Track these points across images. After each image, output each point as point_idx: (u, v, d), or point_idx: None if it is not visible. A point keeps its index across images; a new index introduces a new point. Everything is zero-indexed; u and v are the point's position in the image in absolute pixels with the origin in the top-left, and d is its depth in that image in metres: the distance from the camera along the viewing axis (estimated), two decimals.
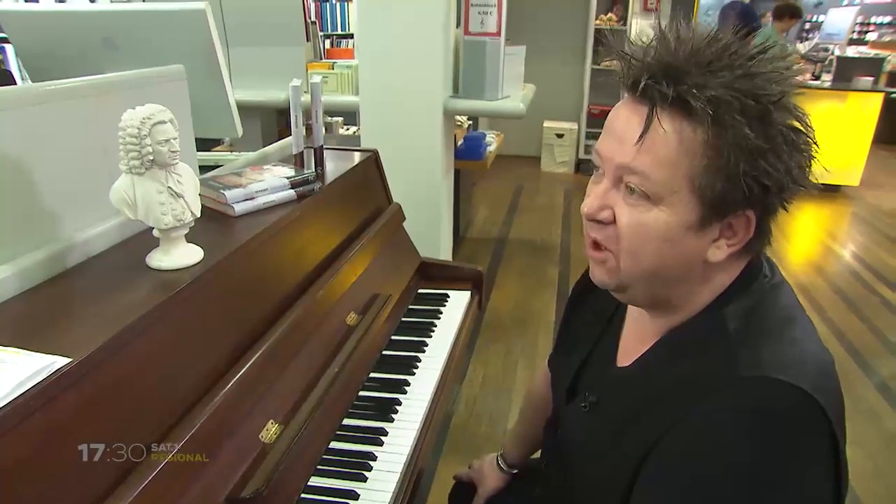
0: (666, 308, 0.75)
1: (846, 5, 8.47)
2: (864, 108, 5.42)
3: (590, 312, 0.93)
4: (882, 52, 7.51)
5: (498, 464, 1.22)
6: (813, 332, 0.71)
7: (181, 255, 0.90)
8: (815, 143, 0.66)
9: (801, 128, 0.65)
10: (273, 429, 0.89)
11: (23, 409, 0.59)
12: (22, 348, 0.66)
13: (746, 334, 0.68)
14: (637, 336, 0.81)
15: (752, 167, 0.62)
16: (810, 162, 0.66)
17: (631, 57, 0.66)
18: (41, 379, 0.61)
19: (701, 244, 0.68)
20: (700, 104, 0.61)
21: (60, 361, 0.64)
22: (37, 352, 0.66)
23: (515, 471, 1.22)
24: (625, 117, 0.67)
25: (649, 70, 0.64)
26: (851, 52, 6.57)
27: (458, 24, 2.45)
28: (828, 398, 0.63)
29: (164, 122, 0.82)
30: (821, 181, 0.68)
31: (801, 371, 0.64)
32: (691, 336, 0.72)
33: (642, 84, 0.64)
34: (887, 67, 7.25)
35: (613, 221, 0.69)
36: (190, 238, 0.92)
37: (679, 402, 0.66)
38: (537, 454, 1.19)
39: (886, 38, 8.79)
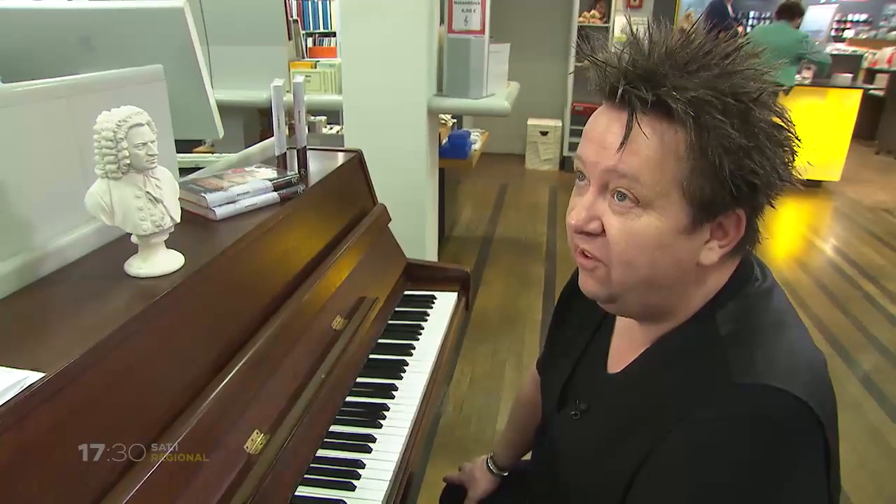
0: (658, 316, 0.73)
1: (824, 3, 8.56)
2: (844, 105, 5.49)
3: (579, 316, 0.91)
4: (859, 49, 7.64)
5: (488, 466, 1.21)
6: (805, 334, 0.71)
7: (161, 261, 0.87)
8: (797, 139, 0.65)
9: (782, 124, 0.64)
10: (258, 439, 0.86)
11: None
12: None
13: (738, 339, 0.67)
14: (627, 341, 0.80)
15: (739, 166, 0.61)
16: (793, 157, 0.65)
17: (606, 63, 0.65)
18: (12, 396, 0.58)
19: (693, 247, 0.67)
20: (681, 106, 0.60)
21: (33, 377, 0.61)
22: (8, 366, 0.63)
23: (506, 473, 1.21)
24: (605, 124, 0.66)
25: (626, 75, 0.63)
26: (830, 49, 6.65)
27: (441, 22, 2.43)
28: (821, 402, 0.63)
29: (141, 125, 0.79)
30: (802, 176, 0.67)
31: (793, 376, 0.63)
32: (683, 342, 0.71)
33: (620, 90, 0.63)
34: (865, 64, 7.38)
35: (602, 232, 0.67)
36: (170, 244, 0.89)
37: (673, 410, 0.65)
38: (528, 456, 1.19)
39: (863, 36, 8.92)
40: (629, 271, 0.68)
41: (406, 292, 1.57)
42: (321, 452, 1.01)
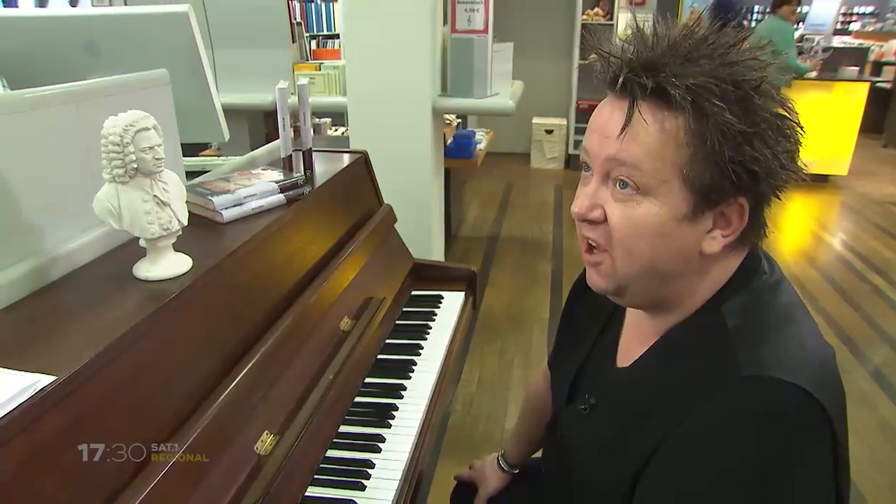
0: (665, 307, 0.74)
1: None
2: (851, 98, 5.45)
3: (588, 312, 0.92)
4: (866, 42, 7.59)
5: (499, 464, 1.21)
6: (813, 327, 0.71)
7: (169, 264, 0.88)
8: (801, 128, 0.65)
9: (785, 113, 0.65)
10: (268, 440, 0.87)
11: (3, 431, 0.56)
12: (3, 367, 0.64)
13: (746, 333, 0.67)
14: (636, 336, 0.80)
15: (738, 153, 0.62)
16: (797, 147, 0.65)
17: (609, 54, 0.67)
18: (24, 399, 0.59)
19: (695, 235, 0.67)
20: (679, 92, 0.61)
21: (45, 380, 0.62)
22: (20, 370, 0.63)
23: (517, 470, 1.21)
24: (607, 113, 0.67)
25: (628, 65, 0.64)
26: (836, 41, 6.61)
27: (444, 22, 2.43)
28: (829, 396, 0.62)
29: (147, 129, 0.80)
30: (809, 171, 0.68)
31: (801, 370, 0.63)
32: (691, 335, 0.71)
33: (622, 79, 0.64)
34: (871, 57, 7.33)
35: (605, 220, 0.68)
36: (178, 247, 0.90)
37: (681, 404, 0.66)
38: (538, 453, 1.19)
39: (870, 28, 8.86)
40: (631, 259, 0.68)
41: (413, 292, 1.57)
42: (331, 453, 1.02)
